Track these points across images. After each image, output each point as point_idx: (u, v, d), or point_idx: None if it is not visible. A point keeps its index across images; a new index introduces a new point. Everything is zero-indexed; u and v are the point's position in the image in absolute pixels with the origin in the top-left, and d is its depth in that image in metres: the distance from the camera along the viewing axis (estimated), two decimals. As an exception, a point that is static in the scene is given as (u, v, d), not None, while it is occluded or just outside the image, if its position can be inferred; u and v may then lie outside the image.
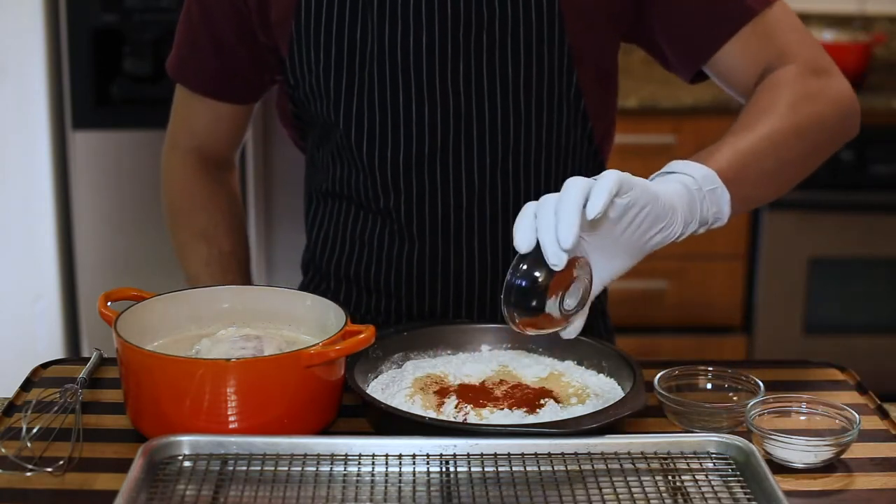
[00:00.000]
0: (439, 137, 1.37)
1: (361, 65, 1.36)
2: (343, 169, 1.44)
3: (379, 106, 1.37)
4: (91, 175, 2.94)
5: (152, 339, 1.20)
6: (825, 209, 3.22)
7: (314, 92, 1.39)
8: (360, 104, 1.37)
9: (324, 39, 1.36)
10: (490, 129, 1.37)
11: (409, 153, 1.38)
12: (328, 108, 1.39)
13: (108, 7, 2.84)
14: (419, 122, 1.37)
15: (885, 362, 3.32)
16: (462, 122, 1.37)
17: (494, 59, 1.35)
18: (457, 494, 0.99)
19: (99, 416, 1.17)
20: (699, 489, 1.00)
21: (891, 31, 3.66)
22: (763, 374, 1.29)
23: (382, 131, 1.38)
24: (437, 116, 1.36)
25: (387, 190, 1.41)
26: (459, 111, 1.36)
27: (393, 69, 1.35)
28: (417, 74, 1.35)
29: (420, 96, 1.36)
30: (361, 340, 1.11)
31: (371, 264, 1.45)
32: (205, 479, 1.00)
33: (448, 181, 1.39)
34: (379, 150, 1.39)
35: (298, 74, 1.39)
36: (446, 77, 1.35)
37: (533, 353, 1.29)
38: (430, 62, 1.35)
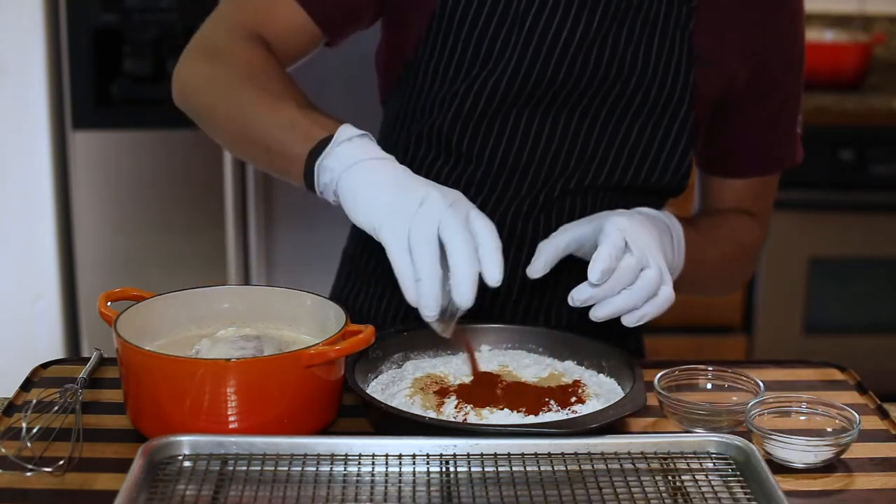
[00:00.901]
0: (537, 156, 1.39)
1: (489, 72, 1.35)
2: (424, 152, 1.42)
3: (492, 113, 1.37)
4: (91, 175, 2.94)
5: (152, 339, 1.20)
6: (825, 209, 3.21)
7: (438, 76, 1.38)
8: (474, 105, 1.36)
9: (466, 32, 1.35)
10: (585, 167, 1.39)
11: (505, 161, 1.39)
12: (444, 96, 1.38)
13: (108, 7, 2.84)
14: (523, 138, 1.38)
15: (885, 362, 3.32)
16: (563, 152, 1.38)
17: (616, 110, 1.38)
18: (457, 494, 0.99)
19: (99, 416, 1.17)
20: (699, 489, 1.00)
21: (891, 31, 3.66)
22: (763, 374, 1.29)
23: (485, 136, 1.38)
24: (542, 140, 1.38)
25: (468, 184, 1.40)
26: (564, 142, 1.38)
27: (519, 89, 1.35)
28: (539, 99, 1.36)
29: (532, 117, 1.37)
30: (361, 340, 1.11)
31: None
32: (205, 479, 1.00)
33: (530, 194, 1.40)
34: (477, 149, 1.38)
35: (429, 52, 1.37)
36: (564, 109, 1.37)
37: (533, 353, 1.29)
38: (555, 94, 1.36)
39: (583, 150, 1.39)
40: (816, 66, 3.23)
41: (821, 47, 3.33)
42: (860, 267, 3.29)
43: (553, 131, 1.38)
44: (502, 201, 1.41)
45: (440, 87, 1.39)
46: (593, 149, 1.39)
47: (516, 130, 1.38)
